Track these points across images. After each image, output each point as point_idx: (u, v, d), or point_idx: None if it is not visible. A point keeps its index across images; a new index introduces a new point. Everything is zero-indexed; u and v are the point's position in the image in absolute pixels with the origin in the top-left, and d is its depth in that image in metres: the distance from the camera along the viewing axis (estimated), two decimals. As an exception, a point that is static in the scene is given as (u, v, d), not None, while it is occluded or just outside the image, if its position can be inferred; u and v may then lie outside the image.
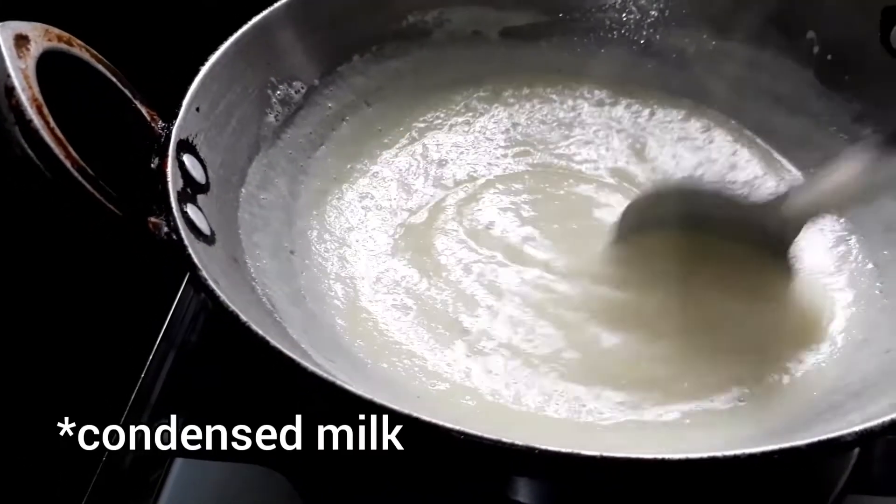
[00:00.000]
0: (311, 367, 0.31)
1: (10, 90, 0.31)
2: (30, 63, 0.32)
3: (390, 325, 0.45)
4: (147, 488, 0.46)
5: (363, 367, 0.42)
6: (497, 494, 0.43)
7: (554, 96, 0.58)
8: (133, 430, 0.48)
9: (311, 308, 0.44)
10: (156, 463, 0.47)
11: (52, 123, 0.32)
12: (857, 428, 0.28)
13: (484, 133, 0.56)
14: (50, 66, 0.36)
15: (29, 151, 0.31)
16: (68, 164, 0.32)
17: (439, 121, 0.56)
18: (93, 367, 0.52)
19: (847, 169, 0.41)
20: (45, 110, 0.32)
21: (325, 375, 0.31)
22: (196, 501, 0.46)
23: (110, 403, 0.49)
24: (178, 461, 0.47)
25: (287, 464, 0.46)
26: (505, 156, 0.54)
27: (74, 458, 0.47)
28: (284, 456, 0.46)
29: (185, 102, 0.42)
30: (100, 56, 0.39)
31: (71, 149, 0.32)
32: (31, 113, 0.31)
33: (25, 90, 0.31)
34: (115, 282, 0.56)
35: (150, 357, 0.52)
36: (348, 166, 0.52)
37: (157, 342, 0.52)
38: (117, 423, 0.48)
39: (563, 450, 0.27)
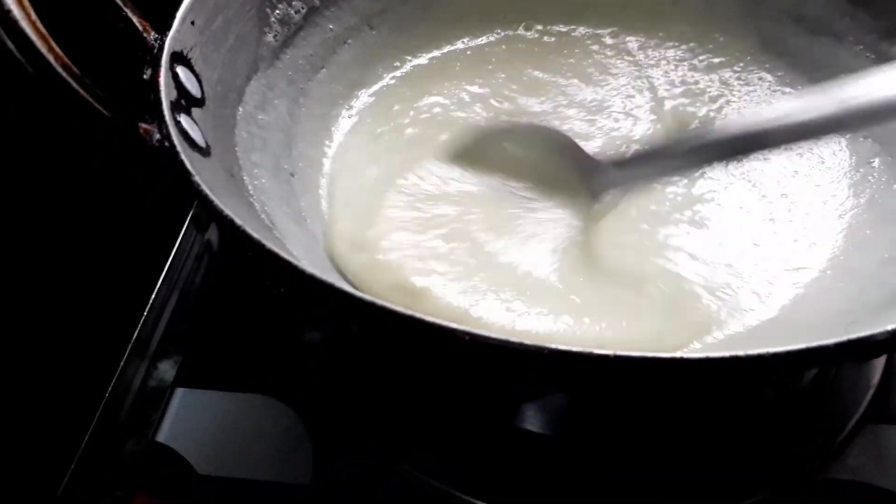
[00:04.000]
0: (310, 270, 0.29)
1: (-15, -20, 0.30)
2: (9, -46, 0.30)
3: (397, 252, 0.43)
4: (148, 424, 0.46)
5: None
6: (504, 423, 0.42)
7: (562, 27, 0.55)
8: (135, 366, 0.48)
9: (312, 230, 0.42)
10: (157, 399, 0.47)
11: (34, 16, 0.30)
12: (890, 327, 0.26)
13: (492, 63, 0.53)
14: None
15: (9, 44, 0.29)
16: (51, 58, 0.30)
17: (445, 46, 0.54)
18: (95, 308, 0.51)
19: None
20: (27, 2, 0.30)
21: (325, 279, 0.29)
22: (199, 431, 0.45)
23: (113, 343, 0.48)
24: (180, 392, 0.47)
25: (290, 392, 0.45)
26: (513, 90, 0.52)
27: (77, 397, 0.46)
28: (287, 384, 0.46)
29: (179, 14, 0.40)
30: (87, -41, 0.37)
31: (54, 44, 0.30)
32: (10, 3, 0.29)
33: (4, -20, 0.30)
34: (119, 223, 0.55)
35: (153, 297, 0.51)
36: (350, 91, 0.51)
37: (160, 282, 0.52)
38: (119, 361, 0.48)
39: (574, 349, 0.25)
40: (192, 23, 0.41)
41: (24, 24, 0.29)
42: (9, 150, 0.48)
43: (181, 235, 0.55)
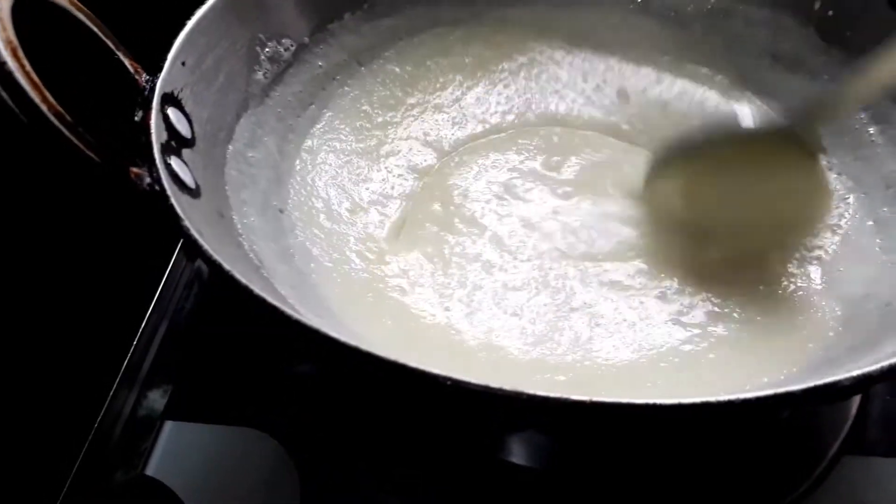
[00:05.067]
0: (296, 316, 0.30)
1: (-19, 32, 0.30)
2: (3, 5, 0.31)
3: (382, 288, 0.44)
4: (137, 456, 0.46)
5: (350, 329, 0.42)
6: (489, 456, 0.43)
7: (551, 56, 0.57)
8: (124, 396, 0.48)
9: (299, 266, 0.43)
10: (146, 431, 0.47)
11: (28, 67, 0.31)
12: (855, 373, 0.27)
13: (479, 93, 0.55)
14: (28, 14, 0.35)
15: (3, 94, 0.30)
16: (44, 108, 0.31)
17: (434, 81, 0.55)
18: (85, 335, 0.52)
19: None
20: (21, 53, 0.31)
21: (310, 324, 0.30)
22: (187, 464, 0.46)
23: (101, 372, 0.49)
24: (169, 425, 0.47)
25: (277, 426, 0.46)
26: (503, 117, 0.53)
27: (66, 425, 0.47)
28: (275, 418, 0.46)
29: (170, 56, 0.41)
30: (80, 5, 0.38)
31: (48, 93, 0.31)
32: (6, 55, 0.30)
33: (-1, 32, 0.31)
34: (108, 251, 0.55)
35: (143, 325, 0.51)
36: (339, 127, 0.51)
37: (150, 310, 0.52)
38: (108, 391, 0.48)
39: (550, 395, 0.26)
40: (183, 63, 0.42)
41: (19, 76, 0.30)
42: (3, 191, 0.48)
43: (171, 263, 0.55)
